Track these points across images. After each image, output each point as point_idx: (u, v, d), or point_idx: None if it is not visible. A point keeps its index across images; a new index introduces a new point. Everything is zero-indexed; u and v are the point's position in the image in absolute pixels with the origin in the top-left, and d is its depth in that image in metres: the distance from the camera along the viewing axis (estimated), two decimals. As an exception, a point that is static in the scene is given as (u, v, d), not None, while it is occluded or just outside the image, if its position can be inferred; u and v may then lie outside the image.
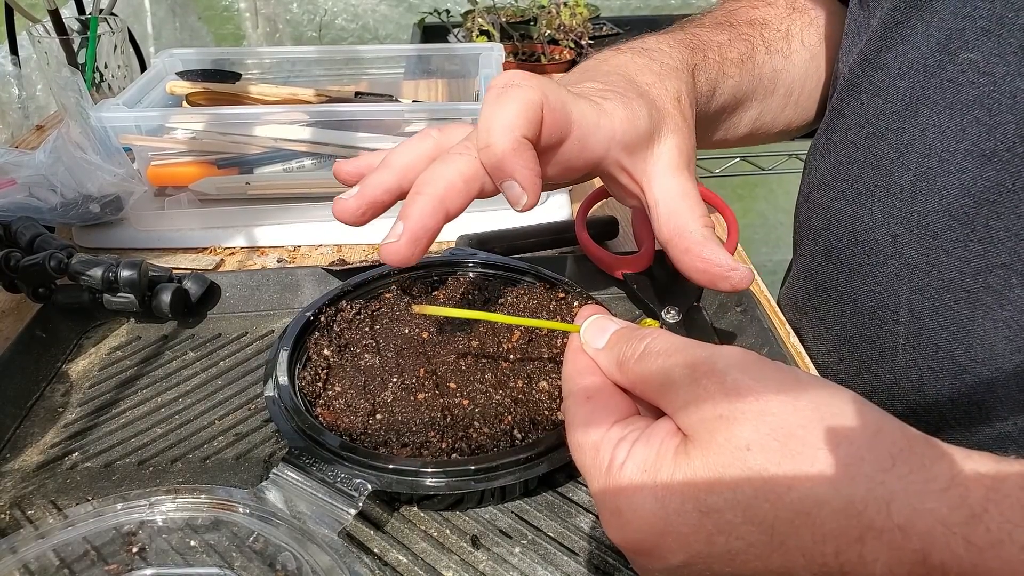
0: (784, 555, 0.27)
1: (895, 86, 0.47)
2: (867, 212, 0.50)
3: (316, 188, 0.69)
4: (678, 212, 0.41)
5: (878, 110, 0.49)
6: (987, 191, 0.43)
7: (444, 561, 0.37)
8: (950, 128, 0.44)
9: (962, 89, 0.43)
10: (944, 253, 0.45)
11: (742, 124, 0.59)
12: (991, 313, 0.44)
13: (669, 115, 0.42)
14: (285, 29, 1.84)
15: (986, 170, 0.42)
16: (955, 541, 0.24)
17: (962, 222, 0.44)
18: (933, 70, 0.45)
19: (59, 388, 0.49)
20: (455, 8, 1.81)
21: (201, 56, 0.82)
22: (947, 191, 0.44)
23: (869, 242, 0.50)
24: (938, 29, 0.44)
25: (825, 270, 0.55)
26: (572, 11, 1.50)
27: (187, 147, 0.69)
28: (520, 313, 0.50)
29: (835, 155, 0.54)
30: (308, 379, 0.45)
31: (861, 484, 0.25)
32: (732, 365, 0.29)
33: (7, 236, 0.55)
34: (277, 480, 0.38)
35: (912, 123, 0.46)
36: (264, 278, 0.57)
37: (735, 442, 0.27)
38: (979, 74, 0.42)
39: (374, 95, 0.79)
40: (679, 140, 0.42)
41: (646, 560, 0.30)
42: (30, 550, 0.35)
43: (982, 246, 0.44)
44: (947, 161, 0.44)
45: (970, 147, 0.43)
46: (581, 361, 0.35)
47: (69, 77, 0.64)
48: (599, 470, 0.31)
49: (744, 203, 1.89)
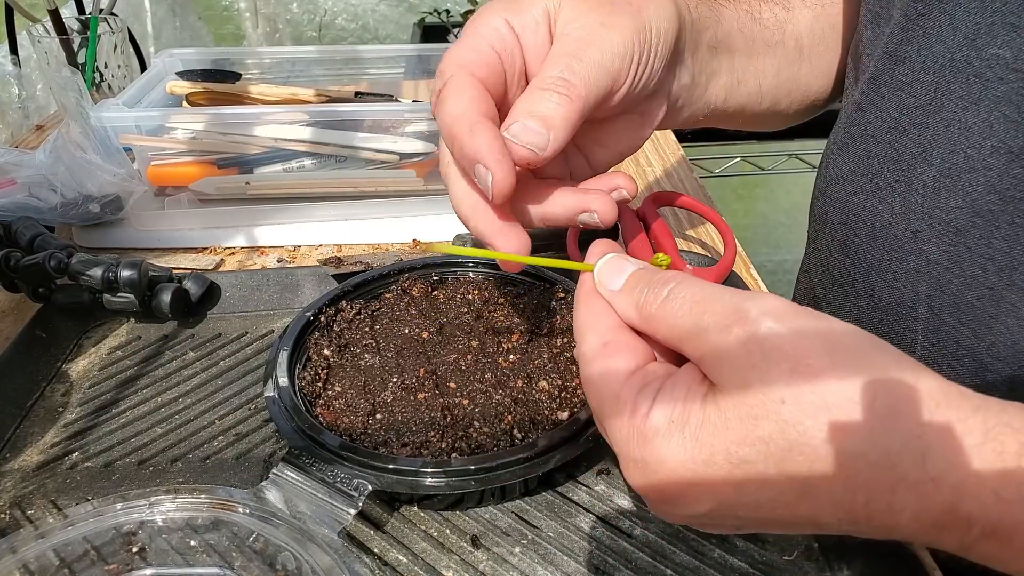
0: (813, 504, 0.27)
1: (919, 80, 0.46)
2: (887, 207, 0.49)
3: (316, 188, 0.69)
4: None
5: (901, 105, 0.48)
6: (1014, 188, 0.42)
7: (444, 561, 0.37)
8: (976, 124, 0.43)
9: (989, 85, 0.42)
10: (967, 250, 0.45)
11: (766, 75, 0.55)
12: (1015, 311, 0.44)
13: None
14: (285, 29, 1.84)
15: (1013, 167, 0.42)
16: (985, 494, 0.24)
17: (987, 219, 0.44)
18: (959, 65, 0.44)
19: (59, 388, 0.49)
20: (455, 8, 1.81)
21: (201, 56, 0.82)
22: (972, 188, 0.44)
23: (888, 238, 0.49)
24: (964, 23, 0.43)
25: (842, 265, 0.55)
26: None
27: (187, 147, 0.69)
28: (521, 313, 0.51)
29: (854, 149, 0.53)
30: (308, 379, 0.45)
31: (897, 437, 0.25)
32: (766, 313, 0.28)
33: (7, 236, 0.55)
34: (277, 480, 0.38)
35: (936, 118, 0.45)
36: (264, 278, 0.57)
37: (769, 394, 0.27)
38: (1008, 70, 0.41)
39: (374, 95, 0.79)
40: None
41: (669, 507, 0.29)
42: (30, 550, 0.35)
43: (1007, 243, 0.43)
44: (972, 158, 0.44)
45: (997, 144, 0.42)
46: (595, 304, 0.33)
47: (69, 77, 0.64)
48: (620, 418, 0.30)
49: (744, 203, 1.89)
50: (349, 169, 0.70)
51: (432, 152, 0.69)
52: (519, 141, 0.35)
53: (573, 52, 0.38)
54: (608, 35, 0.38)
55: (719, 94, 0.52)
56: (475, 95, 0.36)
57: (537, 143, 0.35)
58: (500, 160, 0.34)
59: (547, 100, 0.36)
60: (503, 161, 0.34)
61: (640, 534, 0.38)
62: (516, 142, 0.35)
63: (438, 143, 0.69)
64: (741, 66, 0.53)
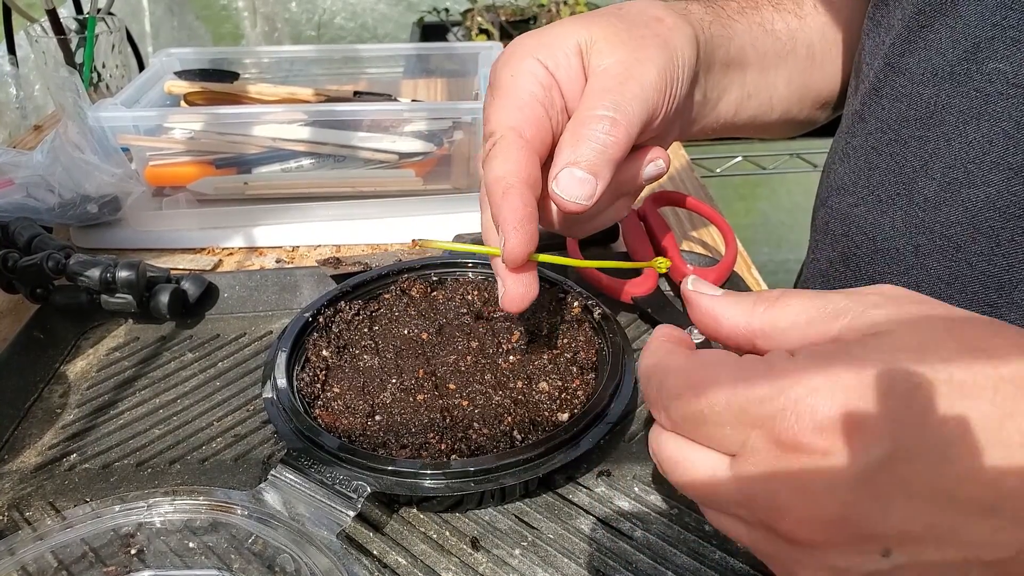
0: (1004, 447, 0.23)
1: (919, 93, 0.46)
2: (888, 220, 0.49)
3: (315, 188, 0.69)
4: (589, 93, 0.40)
5: (901, 116, 0.48)
6: (1013, 205, 0.42)
7: (444, 563, 0.37)
8: (976, 139, 0.43)
9: (990, 100, 0.42)
10: (968, 266, 0.45)
11: (778, 87, 0.55)
12: None
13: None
14: (283, 28, 1.84)
15: (1013, 184, 0.42)
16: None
17: (987, 235, 0.43)
18: (960, 78, 0.44)
19: (57, 389, 0.49)
20: (454, 7, 1.81)
21: (199, 55, 0.82)
22: (972, 203, 0.44)
23: (890, 251, 0.49)
24: (964, 36, 0.43)
25: (843, 276, 0.54)
26: (572, 9, 1.50)
27: (185, 147, 0.68)
28: (521, 314, 0.50)
29: (855, 160, 0.53)
30: (307, 380, 0.45)
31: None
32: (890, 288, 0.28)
33: (5, 237, 0.55)
34: (276, 482, 0.38)
35: (937, 132, 0.45)
36: (262, 279, 0.57)
37: (936, 324, 0.25)
38: (1008, 85, 0.41)
39: (373, 94, 0.79)
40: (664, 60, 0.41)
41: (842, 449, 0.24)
42: (28, 552, 0.34)
43: (1007, 260, 0.43)
44: (972, 173, 0.43)
45: (997, 160, 0.42)
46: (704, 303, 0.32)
47: (67, 77, 0.64)
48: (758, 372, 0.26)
49: (746, 203, 1.89)
50: (348, 169, 0.70)
51: (431, 152, 0.69)
52: (567, 196, 0.37)
53: (613, 88, 0.38)
54: (644, 70, 0.39)
55: (730, 108, 0.52)
56: (520, 158, 0.37)
57: (584, 193, 0.37)
58: (518, 230, 0.36)
59: (591, 144, 0.37)
60: (520, 231, 0.36)
61: (641, 536, 0.38)
62: (564, 197, 0.37)
63: (438, 143, 0.69)
64: (752, 81, 0.53)
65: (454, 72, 0.90)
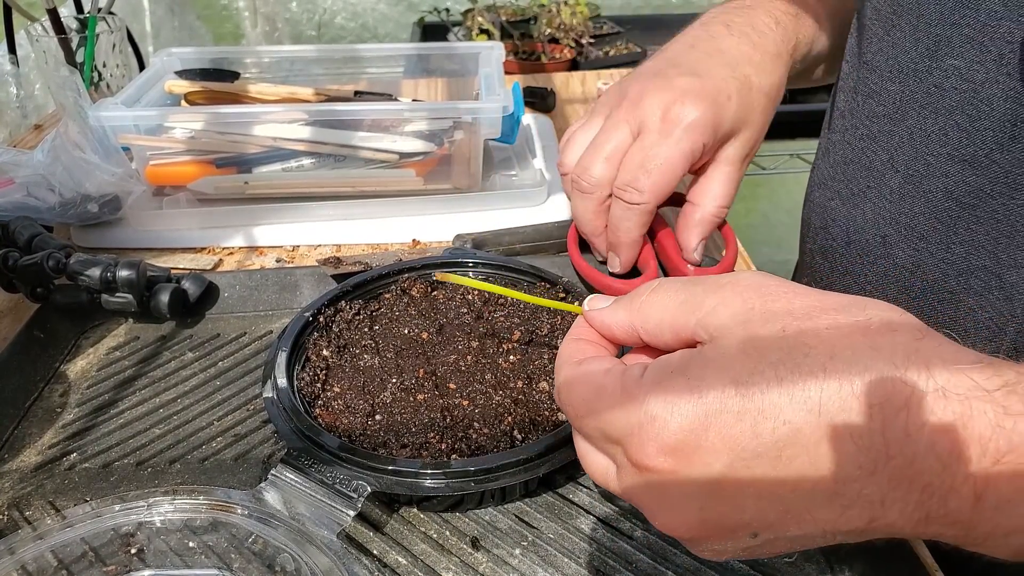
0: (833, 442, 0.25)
1: (886, 89, 0.49)
2: (860, 213, 0.51)
3: (315, 187, 0.69)
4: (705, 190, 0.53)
5: (872, 112, 0.50)
6: (969, 195, 0.44)
7: (444, 563, 0.37)
8: (935, 132, 0.45)
9: (946, 94, 0.44)
10: (929, 255, 0.47)
11: None
12: (972, 315, 0.45)
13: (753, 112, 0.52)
14: (284, 28, 1.84)
15: (967, 174, 0.43)
16: (994, 409, 0.24)
17: (946, 224, 0.45)
18: (921, 74, 0.46)
19: (57, 388, 0.49)
20: (455, 7, 1.81)
21: (200, 55, 0.82)
22: (932, 194, 0.46)
23: (861, 243, 0.51)
24: (926, 34, 0.45)
25: (823, 269, 0.56)
26: (572, 10, 1.50)
27: (186, 146, 0.68)
28: (521, 314, 0.50)
29: (834, 155, 0.55)
30: (307, 380, 0.45)
31: (900, 351, 0.26)
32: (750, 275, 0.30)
33: (5, 236, 0.55)
34: (276, 481, 0.38)
35: (902, 126, 0.47)
36: (263, 278, 0.57)
37: (769, 327, 0.27)
38: (961, 80, 0.43)
39: (373, 94, 0.79)
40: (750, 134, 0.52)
41: (686, 467, 0.27)
42: (28, 551, 0.34)
43: (964, 248, 0.45)
44: (932, 165, 0.45)
45: (952, 152, 0.44)
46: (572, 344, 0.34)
47: (67, 76, 0.63)
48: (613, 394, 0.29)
49: (746, 203, 1.89)
50: (348, 168, 0.69)
51: (432, 152, 0.69)
52: None
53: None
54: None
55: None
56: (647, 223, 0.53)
57: None
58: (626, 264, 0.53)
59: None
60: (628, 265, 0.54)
61: (641, 536, 0.38)
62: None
63: (438, 143, 0.69)
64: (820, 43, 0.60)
65: (454, 72, 0.90)
